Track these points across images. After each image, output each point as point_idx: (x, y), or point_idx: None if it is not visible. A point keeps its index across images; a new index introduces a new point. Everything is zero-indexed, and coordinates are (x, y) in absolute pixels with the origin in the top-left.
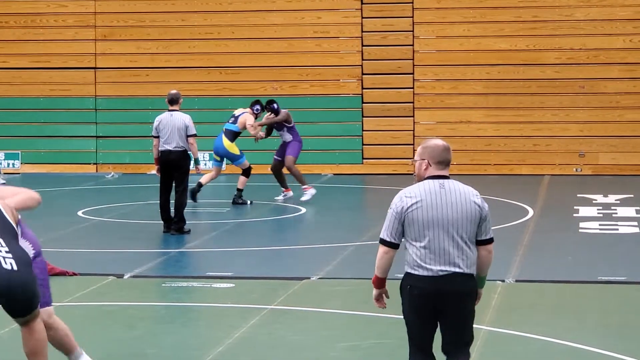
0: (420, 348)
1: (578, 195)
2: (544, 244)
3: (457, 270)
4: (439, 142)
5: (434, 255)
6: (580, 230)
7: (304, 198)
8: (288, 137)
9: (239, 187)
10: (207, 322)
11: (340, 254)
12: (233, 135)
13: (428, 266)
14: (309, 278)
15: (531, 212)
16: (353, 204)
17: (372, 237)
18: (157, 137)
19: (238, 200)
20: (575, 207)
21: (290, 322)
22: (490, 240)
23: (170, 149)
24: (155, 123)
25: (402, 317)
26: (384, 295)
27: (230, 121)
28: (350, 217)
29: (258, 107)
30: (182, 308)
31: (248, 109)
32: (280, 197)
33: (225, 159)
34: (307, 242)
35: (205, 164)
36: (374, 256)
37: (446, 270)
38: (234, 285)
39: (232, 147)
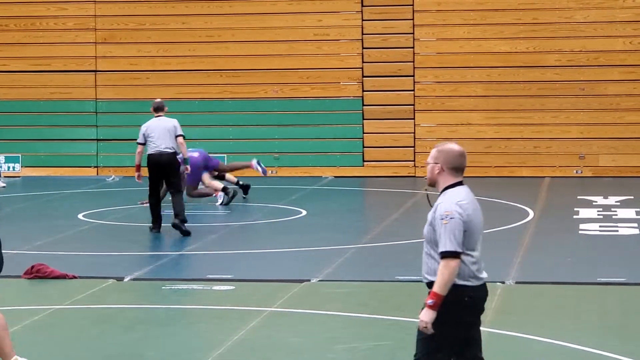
0: None
1: (578, 197)
2: (544, 246)
3: (486, 274)
4: (455, 146)
5: (480, 263)
6: (580, 232)
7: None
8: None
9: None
10: (207, 324)
11: (340, 256)
12: None
13: (480, 275)
14: (308, 280)
15: (531, 214)
16: (353, 207)
17: (373, 240)
18: (143, 144)
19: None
20: (575, 209)
21: (290, 325)
22: None
23: (162, 150)
24: (143, 130)
25: (431, 339)
26: None
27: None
28: (350, 220)
29: None
30: (182, 310)
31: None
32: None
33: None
34: (307, 245)
35: None
36: (374, 258)
37: (485, 277)
38: (234, 287)
39: None
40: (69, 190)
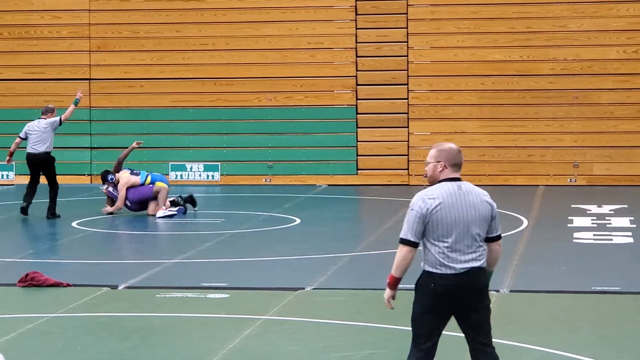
0: (426, 349)
1: (572, 205)
2: (539, 254)
3: (475, 265)
4: (453, 145)
5: (456, 253)
6: (574, 241)
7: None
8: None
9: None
10: (202, 332)
11: (334, 264)
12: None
13: (451, 264)
14: (303, 288)
15: (525, 223)
16: (347, 215)
17: (367, 248)
18: (24, 139)
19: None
20: (569, 218)
21: (285, 333)
22: (500, 237)
23: (37, 151)
24: (26, 128)
25: (413, 317)
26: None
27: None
28: (344, 228)
29: (112, 176)
30: (177, 319)
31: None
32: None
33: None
34: (301, 253)
35: (200, 175)
36: (369, 267)
37: (467, 267)
38: (228, 295)
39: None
40: (62, 198)
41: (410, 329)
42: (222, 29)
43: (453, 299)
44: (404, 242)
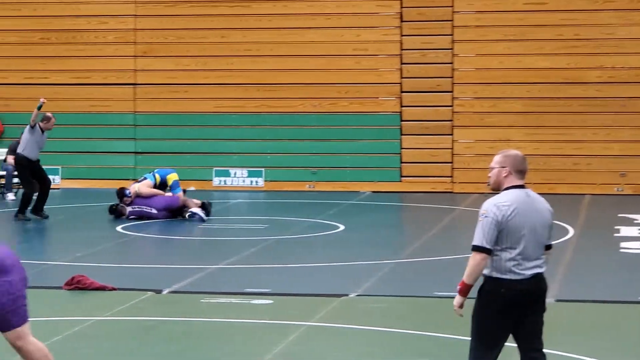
0: (492, 356)
1: (619, 215)
2: (585, 264)
3: (540, 270)
4: (519, 152)
5: (525, 260)
6: (621, 250)
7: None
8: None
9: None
10: (246, 338)
11: (378, 271)
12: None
13: (521, 270)
14: (347, 295)
15: (572, 232)
16: (391, 222)
17: (410, 255)
18: None
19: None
20: (616, 227)
21: (329, 339)
22: (551, 246)
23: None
24: None
25: (480, 325)
26: None
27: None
28: (388, 235)
29: (128, 191)
30: (221, 324)
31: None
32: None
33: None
34: (345, 259)
35: (244, 181)
36: (413, 274)
37: (533, 273)
38: (272, 301)
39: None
40: (107, 202)
41: (471, 339)
42: (266, 35)
43: (520, 304)
44: (478, 249)
